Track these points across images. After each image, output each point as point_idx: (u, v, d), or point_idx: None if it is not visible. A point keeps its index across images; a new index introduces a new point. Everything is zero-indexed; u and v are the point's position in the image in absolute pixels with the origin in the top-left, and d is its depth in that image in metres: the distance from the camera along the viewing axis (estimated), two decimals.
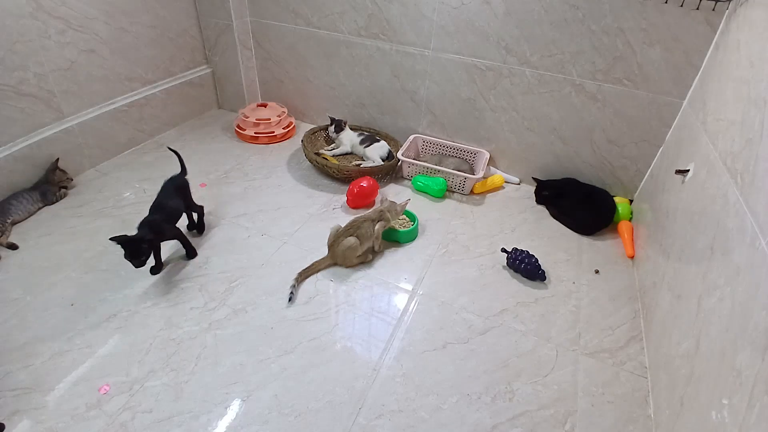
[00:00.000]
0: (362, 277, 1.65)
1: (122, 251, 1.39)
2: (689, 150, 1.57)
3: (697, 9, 1.58)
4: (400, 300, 1.57)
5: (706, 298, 1.13)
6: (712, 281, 1.12)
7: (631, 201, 2.04)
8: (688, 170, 1.49)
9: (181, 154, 1.73)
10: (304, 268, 1.61)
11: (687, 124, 1.68)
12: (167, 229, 1.55)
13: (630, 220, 1.97)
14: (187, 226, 1.76)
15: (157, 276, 1.58)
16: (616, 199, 1.99)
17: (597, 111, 1.92)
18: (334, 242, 1.64)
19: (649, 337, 1.45)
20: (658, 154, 1.90)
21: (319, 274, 1.64)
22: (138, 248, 1.39)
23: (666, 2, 1.61)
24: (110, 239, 1.37)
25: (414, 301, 1.57)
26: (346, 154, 2.32)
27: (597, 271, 1.74)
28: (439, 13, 1.98)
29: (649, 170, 1.96)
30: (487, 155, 2.20)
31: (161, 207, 1.55)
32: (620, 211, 1.95)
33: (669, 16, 1.63)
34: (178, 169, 1.71)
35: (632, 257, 1.80)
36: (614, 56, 1.78)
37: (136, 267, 1.42)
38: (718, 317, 1.04)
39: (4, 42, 1.66)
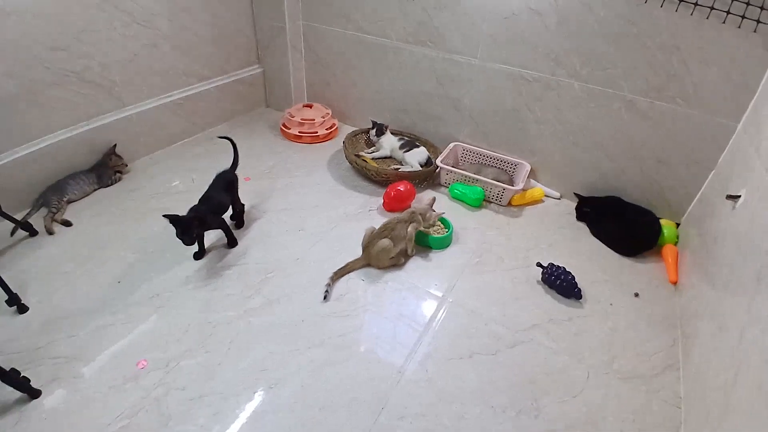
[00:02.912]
0: (393, 279, 1.66)
1: (171, 233, 1.46)
2: (742, 175, 1.50)
3: (755, 32, 1.52)
4: (429, 305, 1.57)
5: (748, 330, 1.08)
6: (756, 312, 1.07)
7: (677, 224, 1.96)
8: (740, 196, 1.42)
9: (237, 151, 1.81)
10: (340, 267, 1.64)
11: (740, 149, 1.61)
12: (212, 219, 1.62)
13: (675, 244, 1.89)
14: (231, 216, 1.83)
15: (200, 261, 1.65)
16: (663, 222, 1.91)
17: (647, 129, 1.87)
18: (368, 243, 1.66)
19: (686, 367, 1.39)
20: (709, 177, 1.82)
21: (351, 273, 1.67)
22: (189, 226, 1.48)
23: (724, 22, 1.55)
24: (163, 216, 1.45)
25: (443, 308, 1.56)
26: (386, 157, 2.34)
27: (637, 295, 1.68)
28: (489, 23, 1.98)
29: (699, 194, 1.88)
30: (528, 167, 2.17)
31: (209, 199, 1.63)
32: (665, 234, 1.88)
33: (726, 37, 1.57)
34: (228, 163, 1.78)
35: (675, 283, 1.73)
36: (668, 74, 1.72)
37: (186, 244, 1.49)
38: (759, 349, 0.99)
39: (71, 30, 1.76)
